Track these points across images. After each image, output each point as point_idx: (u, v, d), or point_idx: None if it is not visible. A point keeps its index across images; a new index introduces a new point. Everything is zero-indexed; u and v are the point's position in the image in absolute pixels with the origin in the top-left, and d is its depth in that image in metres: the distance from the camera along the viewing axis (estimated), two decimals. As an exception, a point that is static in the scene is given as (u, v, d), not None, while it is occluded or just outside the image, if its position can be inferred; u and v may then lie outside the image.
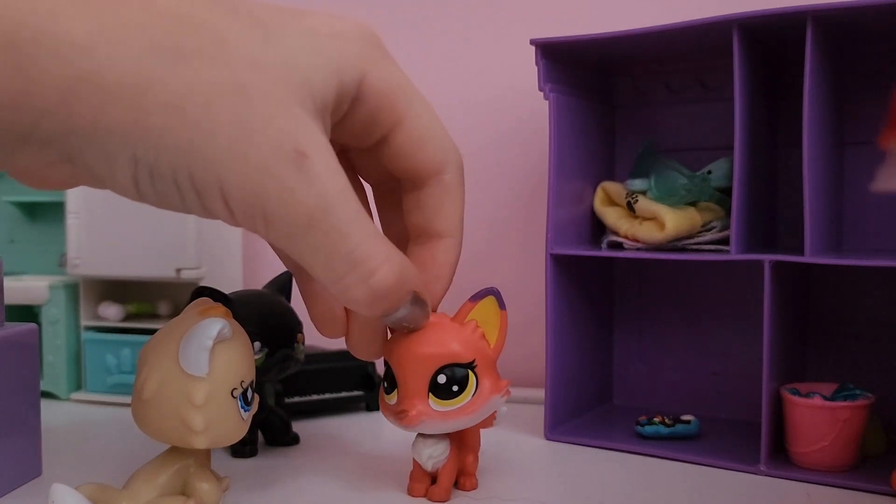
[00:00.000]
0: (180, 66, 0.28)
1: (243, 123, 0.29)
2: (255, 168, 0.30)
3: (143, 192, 0.30)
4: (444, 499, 0.42)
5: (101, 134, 0.28)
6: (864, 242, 0.55)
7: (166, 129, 0.28)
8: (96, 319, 0.65)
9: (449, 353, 0.39)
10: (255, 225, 0.31)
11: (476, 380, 0.39)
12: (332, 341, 0.62)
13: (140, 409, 0.37)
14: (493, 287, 0.41)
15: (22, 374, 0.44)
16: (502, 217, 0.73)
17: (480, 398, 0.40)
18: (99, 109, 0.28)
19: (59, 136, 0.28)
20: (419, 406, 0.39)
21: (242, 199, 0.30)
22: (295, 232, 0.31)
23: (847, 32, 0.50)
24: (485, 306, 0.41)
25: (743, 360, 0.59)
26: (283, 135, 0.30)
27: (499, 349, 0.41)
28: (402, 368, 0.39)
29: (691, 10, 0.52)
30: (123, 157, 0.29)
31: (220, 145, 0.29)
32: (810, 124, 0.47)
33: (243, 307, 0.44)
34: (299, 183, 0.30)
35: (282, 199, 0.30)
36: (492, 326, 0.41)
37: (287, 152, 0.30)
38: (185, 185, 0.30)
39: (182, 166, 0.29)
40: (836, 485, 0.45)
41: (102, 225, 0.62)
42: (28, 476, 0.45)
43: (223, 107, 0.29)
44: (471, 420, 0.40)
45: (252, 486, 0.45)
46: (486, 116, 0.72)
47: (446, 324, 0.40)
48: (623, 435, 0.54)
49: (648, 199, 0.54)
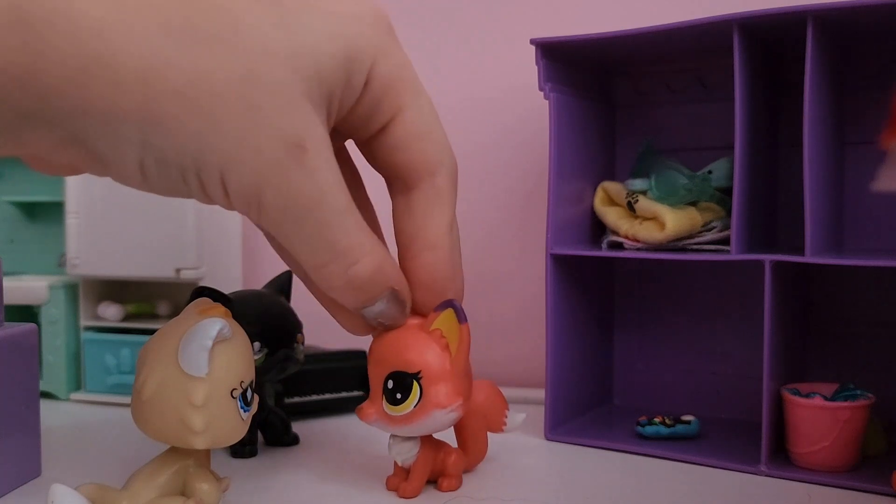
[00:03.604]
0: (194, 51, 0.28)
1: (250, 114, 0.29)
2: (256, 159, 0.30)
3: (149, 177, 0.30)
4: (410, 494, 0.42)
5: (112, 117, 0.28)
6: (865, 242, 0.55)
7: (176, 116, 0.28)
8: (96, 319, 0.65)
9: (398, 360, 0.40)
10: (249, 210, 0.32)
11: (420, 391, 0.39)
12: (331, 342, 0.62)
13: (139, 410, 0.37)
14: (451, 300, 0.39)
15: (21, 374, 0.44)
16: (502, 217, 0.73)
17: (422, 410, 0.39)
18: (111, 92, 0.27)
19: (67, 116, 0.28)
20: (375, 405, 0.41)
21: (241, 188, 0.31)
22: (286, 220, 0.32)
23: (848, 32, 0.50)
24: (445, 318, 0.40)
25: (743, 360, 0.59)
26: (287, 128, 0.30)
27: (460, 361, 0.40)
28: (370, 369, 0.41)
29: (691, 9, 0.52)
30: (133, 141, 0.29)
31: (226, 135, 0.29)
32: (811, 124, 0.47)
33: (243, 307, 0.44)
34: (297, 176, 0.31)
35: (279, 190, 0.31)
36: (454, 337, 0.40)
37: (289, 146, 0.30)
38: (189, 171, 0.30)
39: (188, 153, 0.29)
40: (837, 485, 0.45)
41: (102, 225, 0.62)
42: (27, 476, 0.45)
43: (232, 96, 0.29)
44: (417, 428, 0.40)
45: (252, 487, 0.44)
46: (486, 116, 0.72)
47: (411, 331, 0.40)
48: (623, 435, 0.54)
49: (649, 199, 0.54)
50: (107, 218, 0.62)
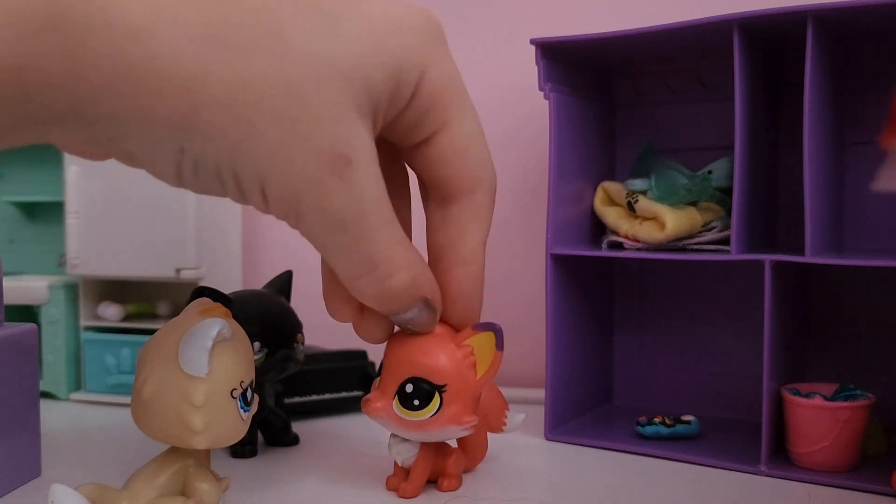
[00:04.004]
0: (236, 59, 0.27)
1: (293, 125, 0.29)
2: (298, 170, 0.29)
3: (185, 180, 0.30)
4: (410, 494, 0.42)
5: (149, 124, 0.27)
6: (865, 242, 0.55)
7: (216, 124, 0.28)
8: (96, 319, 0.65)
9: (425, 368, 0.39)
10: (288, 218, 0.31)
11: (441, 403, 0.39)
12: (331, 342, 0.62)
13: (139, 410, 0.37)
14: (497, 325, 0.40)
15: (21, 374, 0.44)
16: (502, 216, 0.72)
17: (437, 422, 0.39)
18: (148, 99, 0.27)
19: (102, 119, 0.27)
20: (383, 401, 0.40)
21: (281, 196, 0.30)
22: (324, 231, 0.31)
23: (848, 32, 0.50)
24: (483, 339, 0.40)
25: (743, 360, 0.59)
26: (331, 139, 0.29)
27: (483, 384, 0.40)
28: (387, 363, 0.41)
29: (691, 9, 0.52)
30: (169, 147, 0.28)
31: (267, 145, 0.29)
32: (811, 124, 0.47)
33: (243, 307, 0.44)
34: (338, 189, 0.30)
35: (319, 202, 0.30)
36: (484, 360, 0.40)
37: (332, 158, 0.30)
38: (227, 178, 0.30)
39: (227, 161, 0.29)
40: (837, 485, 0.45)
41: (102, 225, 0.62)
42: (27, 476, 0.45)
43: (274, 106, 0.28)
44: (424, 436, 0.41)
45: (252, 487, 0.44)
46: (486, 116, 0.71)
47: (443, 340, 0.39)
48: (623, 435, 0.54)
49: (649, 199, 0.54)
50: (107, 218, 0.62)
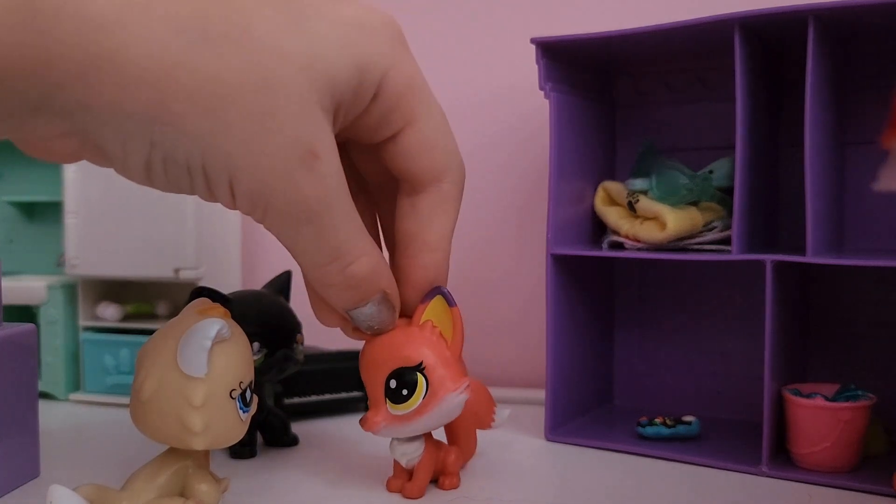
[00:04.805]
0: (206, 51, 0.28)
1: (262, 119, 0.29)
2: (266, 164, 0.30)
3: (154, 175, 0.30)
4: (416, 495, 0.42)
5: (120, 115, 0.28)
6: (866, 242, 0.55)
7: (186, 116, 0.28)
8: (95, 320, 0.64)
9: (397, 359, 0.39)
10: (254, 212, 0.32)
11: (426, 381, 0.39)
12: (331, 342, 0.62)
13: (138, 410, 0.37)
14: (439, 286, 0.40)
15: (20, 374, 0.44)
16: (502, 216, 0.72)
17: (433, 399, 0.39)
18: (120, 90, 0.27)
19: (74, 110, 0.27)
20: (380, 412, 0.40)
21: (250, 189, 0.30)
22: (291, 223, 0.32)
23: (848, 32, 0.50)
24: (435, 306, 0.40)
25: (744, 360, 0.59)
26: (299, 135, 0.30)
27: (458, 345, 0.41)
28: (364, 376, 0.41)
29: (692, 9, 0.52)
30: (140, 139, 0.29)
31: (237, 138, 0.29)
32: (811, 124, 0.46)
33: (242, 307, 0.44)
34: (307, 182, 0.31)
35: (287, 195, 0.31)
36: (446, 324, 0.40)
37: (300, 153, 0.30)
38: (196, 171, 0.30)
39: (196, 154, 0.29)
40: (838, 486, 0.45)
41: (101, 225, 0.62)
42: (26, 477, 0.45)
43: (245, 99, 0.29)
44: (430, 420, 0.40)
45: (252, 487, 0.44)
46: (487, 115, 0.72)
47: (400, 329, 0.40)
48: (623, 436, 0.54)
49: (649, 199, 0.54)
50: (106, 218, 0.62)
